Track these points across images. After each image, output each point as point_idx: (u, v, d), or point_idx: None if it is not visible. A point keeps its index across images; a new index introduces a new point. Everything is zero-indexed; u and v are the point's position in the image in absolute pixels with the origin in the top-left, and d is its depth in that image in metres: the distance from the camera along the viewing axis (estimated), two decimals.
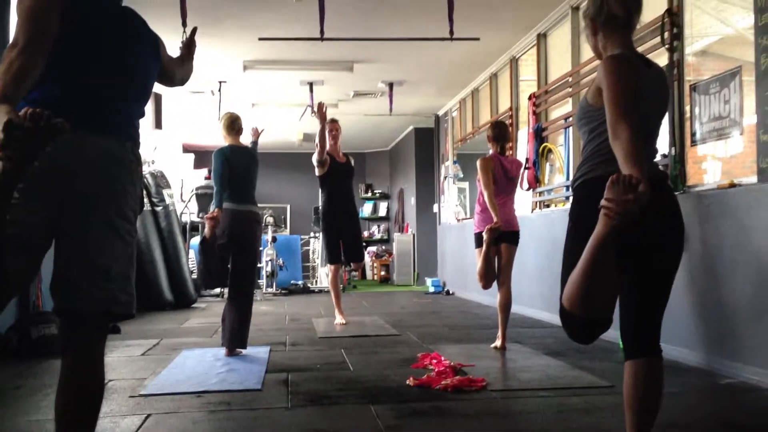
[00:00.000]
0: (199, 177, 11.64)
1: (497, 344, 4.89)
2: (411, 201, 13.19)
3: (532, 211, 7.10)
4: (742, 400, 3.45)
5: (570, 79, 6.32)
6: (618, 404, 2.15)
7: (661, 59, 4.66)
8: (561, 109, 6.72)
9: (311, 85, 8.93)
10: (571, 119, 6.12)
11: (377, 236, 15.22)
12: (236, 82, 8.84)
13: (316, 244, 12.35)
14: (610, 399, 3.32)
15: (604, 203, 1.78)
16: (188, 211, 10.19)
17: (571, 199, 2.40)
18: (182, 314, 7.64)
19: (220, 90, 8.98)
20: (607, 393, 3.49)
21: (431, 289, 10.69)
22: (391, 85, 9.11)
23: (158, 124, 9.31)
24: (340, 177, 6.49)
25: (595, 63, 2.24)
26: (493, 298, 5.87)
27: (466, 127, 10.01)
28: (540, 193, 7.04)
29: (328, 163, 6.36)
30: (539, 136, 6.91)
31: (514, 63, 7.88)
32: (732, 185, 3.97)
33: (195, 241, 10.16)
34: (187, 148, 13.66)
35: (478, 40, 6.40)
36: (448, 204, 10.85)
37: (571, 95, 6.32)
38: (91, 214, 1.92)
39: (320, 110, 6.14)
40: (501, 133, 5.05)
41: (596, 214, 1.87)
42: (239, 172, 4.79)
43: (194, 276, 8.75)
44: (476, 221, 5.02)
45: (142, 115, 2.17)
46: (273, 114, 10.71)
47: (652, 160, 2.22)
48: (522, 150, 7.44)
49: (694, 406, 3.36)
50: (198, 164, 12.67)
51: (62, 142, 1.73)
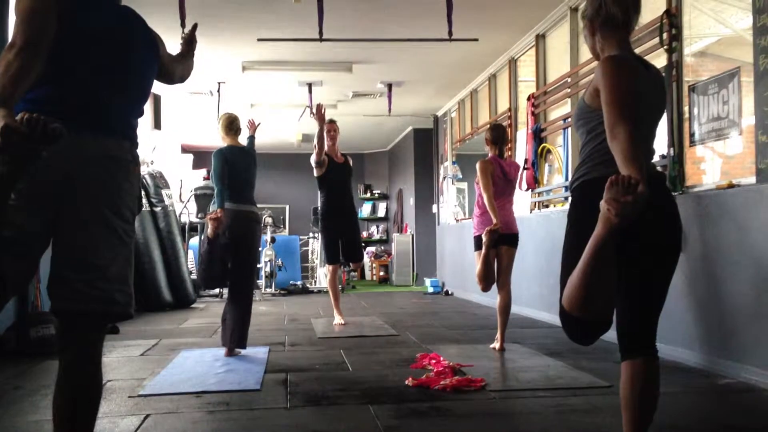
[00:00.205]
0: (198, 177, 11.64)
1: (496, 346, 4.90)
2: (410, 201, 13.20)
3: (530, 212, 7.10)
4: (740, 400, 3.45)
5: (569, 80, 6.32)
6: (617, 404, 2.15)
7: (659, 60, 4.66)
8: (560, 110, 6.72)
9: (310, 85, 8.93)
10: (569, 120, 6.12)
11: (376, 237, 15.22)
12: (235, 83, 8.84)
13: (315, 245, 12.36)
14: (609, 399, 3.32)
15: (603, 204, 1.78)
16: (187, 212, 10.18)
17: (569, 200, 2.40)
18: (181, 314, 7.64)
19: (219, 91, 8.98)
20: (606, 393, 3.49)
21: (430, 290, 10.69)
22: (390, 86, 9.11)
23: (157, 125, 9.32)
24: (339, 177, 6.49)
25: (594, 64, 2.25)
26: (492, 299, 5.88)
27: (464, 127, 10.02)
28: (539, 194, 7.04)
29: (327, 164, 6.36)
30: (538, 136, 6.92)
31: (512, 64, 7.89)
32: (731, 186, 3.97)
33: (194, 241, 10.17)
34: (185, 149, 13.67)
35: (477, 41, 6.40)
36: (447, 204, 10.86)
37: (569, 96, 6.32)
38: (88, 215, 1.92)
39: (319, 112, 6.15)
40: (499, 135, 5.05)
41: (595, 215, 1.87)
42: (238, 172, 4.80)
43: (193, 276, 8.75)
44: (475, 224, 5.03)
45: (141, 114, 2.16)
46: (272, 115, 10.70)
47: (650, 161, 2.22)
48: (521, 151, 7.45)
49: (693, 406, 3.36)
50: (197, 165, 12.67)
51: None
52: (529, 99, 7.13)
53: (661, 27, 4.59)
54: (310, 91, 9.01)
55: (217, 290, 9.44)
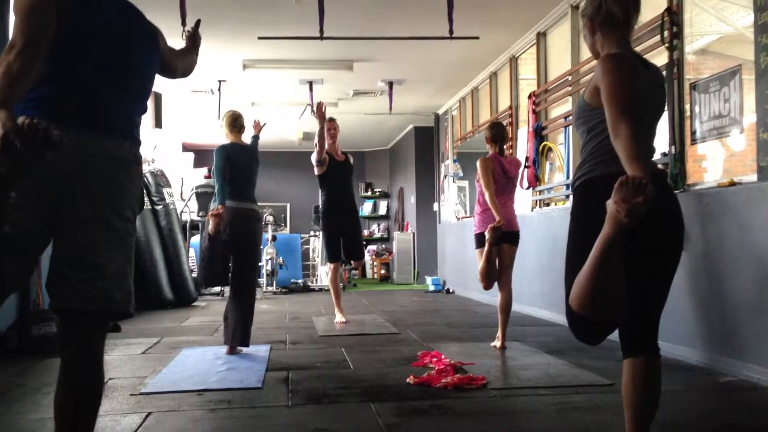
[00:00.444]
0: (199, 176, 11.65)
1: (497, 344, 4.90)
2: (411, 200, 13.19)
3: (532, 210, 7.10)
4: (742, 398, 3.45)
5: (570, 78, 6.32)
6: (618, 402, 2.15)
7: (660, 58, 4.66)
8: (561, 108, 6.72)
9: (311, 84, 8.92)
10: (570, 118, 6.11)
11: (377, 235, 15.22)
12: (236, 81, 8.84)
13: (316, 243, 12.36)
14: (611, 397, 3.32)
15: (612, 204, 1.77)
16: (188, 210, 10.19)
17: (571, 198, 2.40)
18: (182, 313, 7.65)
19: (219, 89, 8.98)
20: (607, 391, 3.49)
21: (431, 288, 10.69)
22: (390, 84, 9.11)
23: (158, 123, 9.32)
24: (340, 175, 6.49)
25: (595, 62, 2.24)
26: (493, 297, 5.88)
27: (465, 125, 10.01)
28: (540, 192, 7.04)
29: (328, 162, 6.36)
30: (539, 134, 6.92)
31: (513, 62, 7.88)
32: (732, 184, 3.97)
33: (195, 239, 10.18)
34: (186, 147, 13.67)
35: (478, 39, 6.39)
36: (448, 203, 10.86)
37: (570, 94, 6.32)
38: (88, 213, 1.92)
39: (319, 110, 6.15)
40: (499, 133, 5.05)
41: (598, 214, 1.87)
42: (240, 169, 4.80)
43: (194, 275, 8.76)
44: (477, 221, 5.03)
45: (144, 111, 2.15)
46: (273, 113, 10.70)
47: (650, 159, 2.22)
48: (522, 149, 7.44)
49: (695, 404, 3.36)
50: (198, 163, 12.67)
51: None
52: (530, 97, 7.13)
53: (662, 25, 4.59)
54: (310, 90, 9.00)
55: (218, 288, 9.44)
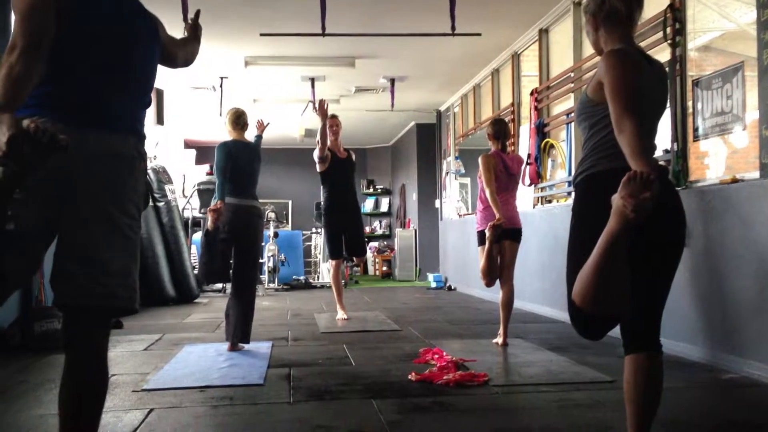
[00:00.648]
0: (201, 172, 11.65)
1: (498, 341, 4.90)
2: (413, 196, 13.19)
3: (534, 207, 7.10)
4: (744, 395, 3.45)
5: (572, 75, 6.31)
6: (620, 399, 2.15)
7: (663, 54, 4.65)
8: (563, 105, 6.71)
9: (313, 80, 8.92)
10: (573, 115, 6.11)
11: (379, 232, 15.22)
12: (237, 78, 8.84)
13: (318, 240, 12.37)
14: (613, 394, 3.32)
15: (618, 199, 1.77)
16: (190, 207, 10.20)
17: (573, 195, 2.40)
18: (184, 309, 7.66)
19: (221, 86, 8.98)
20: (609, 388, 3.49)
21: (433, 285, 10.70)
22: (392, 81, 9.10)
23: (160, 120, 9.31)
24: (342, 172, 6.49)
25: (597, 58, 2.24)
26: (494, 294, 5.88)
27: (467, 122, 10.00)
28: (542, 189, 7.03)
29: (330, 159, 6.36)
30: (541, 131, 6.91)
31: (515, 58, 7.87)
32: (734, 180, 3.96)
33: (197, 236, 10.19)
34: (188, 144, 13.68)
35: (480, 35, 6.39)
36: (449, 199, 10.85)
37: (573, 90, 6.31)
38: (91, 210, 1.92)
39: (321, 107, 6.14)
40: (501, 130, 5.04)
41: (601, 209, 1.86)
42: (241, 166, 4.80)
43: (196, 271, 8.77)
44: (478, 219, 5.02)
45: (148, 105, 2.14)
46: (274, 110, 10.70)
47: (652, 155, 2.22)
48: (524, 146, 7.44)
49: (696, 401, 3.36)
50: (200, 160, 12.68)
51: None
52: (532, 94, 7.12)
53: (665, 21, 4.58)
54: (312, 86, 9.00)
55: (220, 285, 9.45)
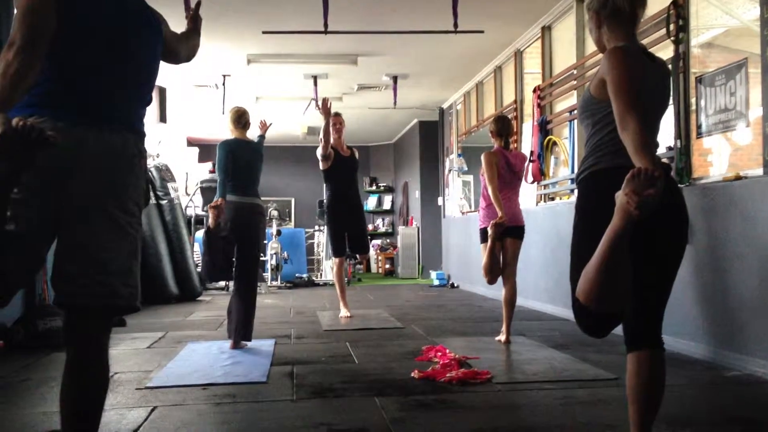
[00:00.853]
0: (204, 170, 11.67)
1: (501, 338, 4.90)
2: (415, 194, 13.19)
3: (536, 204, 7.09)
4: (747, 392, 3.44)
5: (575, 72, 6.30)
6: (623, 397, 2.15)
7: (666, 51, 4.64)
8: (566, 102, 6.69)
9: (315, 78, 8.92)
10: (575, 112, 6.10)
11: (382, 229, 15.21)
12: (240, 76, 8.84)
13: (321, 238, 12.37)
14: (615, 391, 3.32)
15: (622, 196, 1.76)
16: (193, 205, 10.20)
17: (576, 192, 2.40)
18: (187, 307, 7.67)
19: (224, 84, 8.98)
20: (612, 385, 3.49)
21: (436, 282, 10.69)
22: (395, 79, 9.09)
23: (162, 118, 9.32)
24: (345, 170, 6.50)
25: (600, 55, 2.23)
26: (497, 291, 5.88)
27: (470, 120, 9.99)
28: (545, 186, 7.02)
29: (333, 157, 6.36)
30: (544, 128, 6.89)
31: (518, 56, 7.86)
32: (738, 177, 3.95)
33: (200, 234, 10.20)
34: (191, 142, 13.68)
35: (483, 32, 6.37)
36: (452, 197, 10.85)
37: (575, 88, 6.30)
38: (91, 208, 1.92)
39: (324, 106, 6.15)
40: (504, 127, 5.03)
41: (605, 206, 1.86)
42: (242, 165, 4.80)
43: (199, 269, 8.78)
44: (481, 216, 5.02)
45: (149, 102, 2.14)
46: (277, 107, 10.70)
47: (655, 152, 2.21)
48: (526, 143, 7.43)
49: (699, 398, 3.36)
50: (202, 158, 12.69)
51: (63, 137, 1.74)
52: (534, 91, 7.11)
53: (668, 18, 4.57)
54: (315, 84, 9.00)
55: (223, 283, 9.46)
